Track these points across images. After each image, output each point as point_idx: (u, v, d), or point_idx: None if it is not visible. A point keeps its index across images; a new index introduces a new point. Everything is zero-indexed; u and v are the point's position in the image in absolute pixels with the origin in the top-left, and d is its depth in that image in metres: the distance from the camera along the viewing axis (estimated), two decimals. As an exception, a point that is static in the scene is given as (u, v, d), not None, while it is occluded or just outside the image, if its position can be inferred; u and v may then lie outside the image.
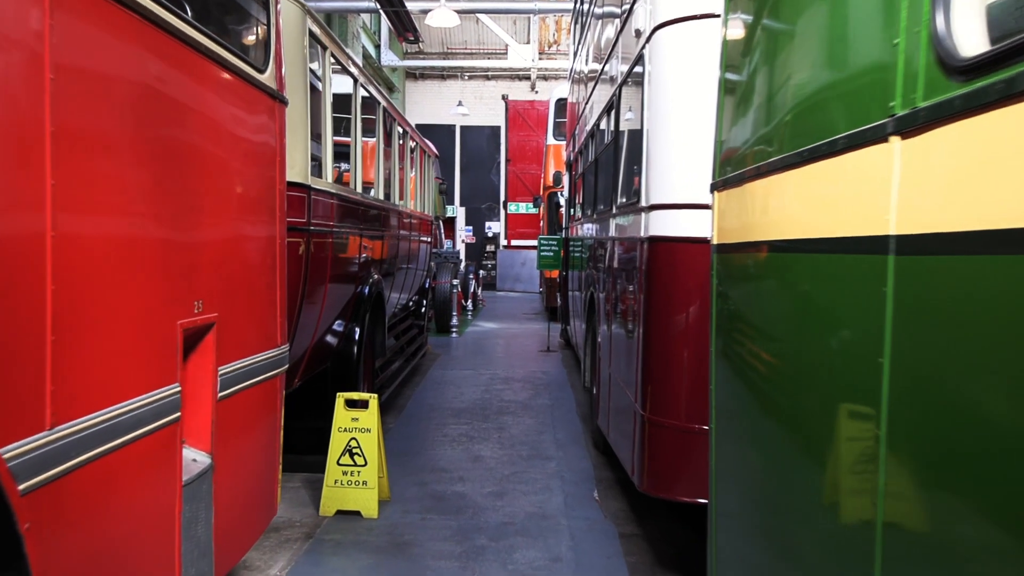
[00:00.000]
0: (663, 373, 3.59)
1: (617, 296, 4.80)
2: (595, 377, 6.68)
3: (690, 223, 3.48)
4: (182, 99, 2.31)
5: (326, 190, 4.40)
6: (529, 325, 15.24)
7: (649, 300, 3.66)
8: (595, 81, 6.69)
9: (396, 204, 7.31)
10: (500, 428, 6.94)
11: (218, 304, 2.54)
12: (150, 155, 2.11)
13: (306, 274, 4.03)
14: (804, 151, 1.75)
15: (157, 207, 2.15)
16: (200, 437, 2.52)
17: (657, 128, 3.64)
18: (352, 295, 5.45)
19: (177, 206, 2.27)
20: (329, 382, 5.41)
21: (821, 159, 1.68)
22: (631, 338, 4.15)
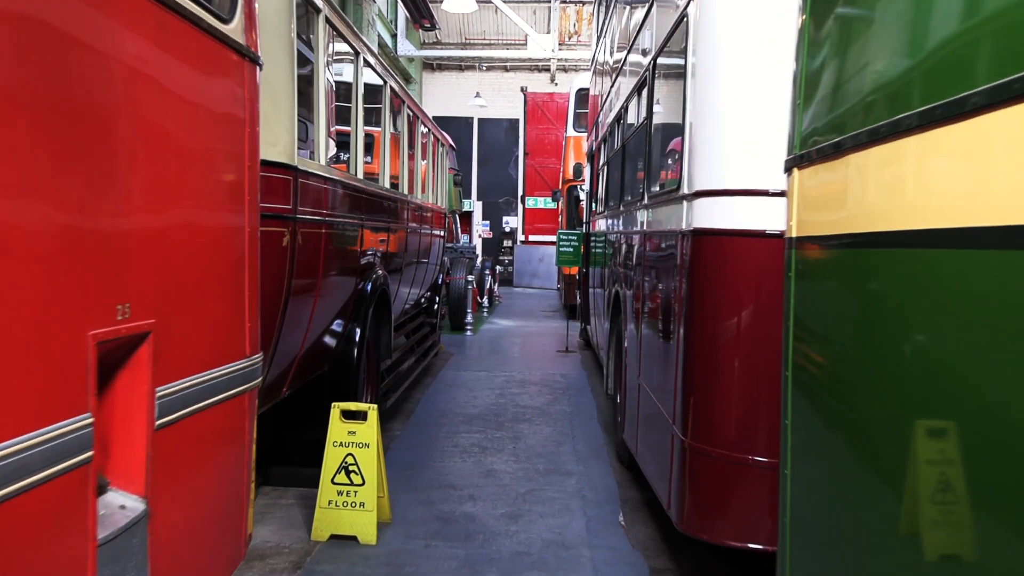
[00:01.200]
0: (709, 392, 3.01)
1: (649, 297, 4.22)
2: (619, 384, 6.10)
3: (745, 213, 2.89)
4: (103, 47, 1.77)
5: (318, 174, 3.86)
6: (547, 323, 14.67)
7: (692, 305, 3.08)
8: (623, 60, 6.09)
9: (404, 194, 6.76)
10: (515, 437, 6.38)
11: (155, 308, 2.00)
12: (49, 116, 1.56)
13: (291, 269, 3.49)
14: (963, 99, 1.17)
15: (59, 184, 1.61)
16: (130, 477, 1.98)
17: (704, 99, 3.05)
18: (352, 292, 4.91)
19: (92, 184, 1.73)
20: (327, 388, 4.88)
21: (997, 108, 1.10)
22: (667, 347, 3.57)
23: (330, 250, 4.14)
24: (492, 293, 17.66)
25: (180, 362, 2.15)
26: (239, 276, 2.56)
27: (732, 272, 2.92)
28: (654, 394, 3.95)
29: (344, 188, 4.47)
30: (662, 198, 3.87)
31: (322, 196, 3.91)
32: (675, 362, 3.34)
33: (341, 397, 4.88)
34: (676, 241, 3.44)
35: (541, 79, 26.93)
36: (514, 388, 8.36)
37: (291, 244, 3.46)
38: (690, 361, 3.11)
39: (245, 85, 2.59)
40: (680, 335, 3.25)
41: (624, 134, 5.87)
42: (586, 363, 10.11)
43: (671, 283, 3.57)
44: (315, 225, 3.82)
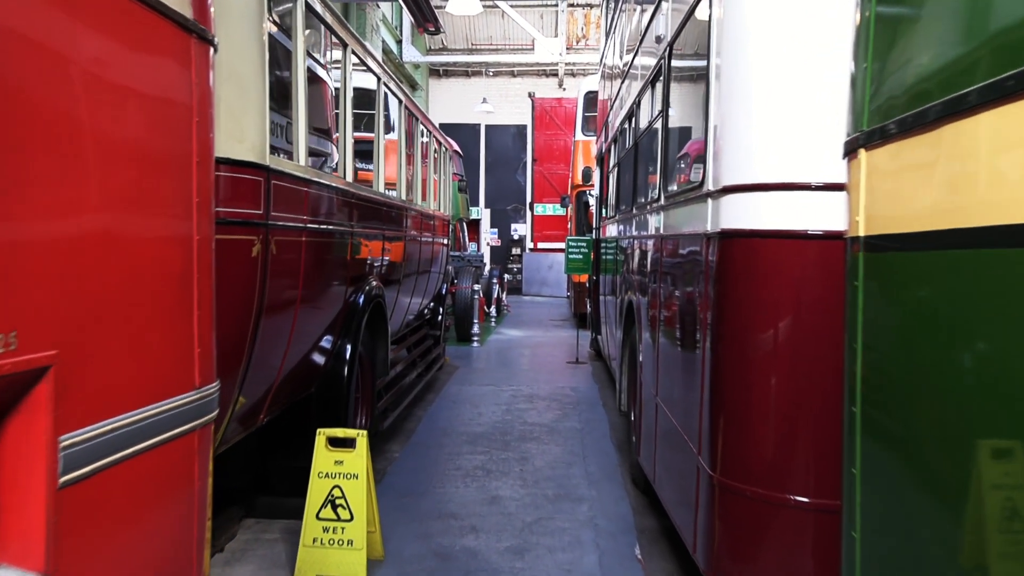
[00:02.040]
0: (741, 421, 2.58)
1: (667, 307, 3.79)
2: (633, 400, 5.66)
3: (782, 210, 2.47)
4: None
5: (296, 175, 3.46)
6: (556, 333, 14.23)
7: (720, 319, 2.65)
8: (634, 52, 5.68)
9: (402, 200, 6.36)
10: (522, 459, 5.95)
11: (59, 337, 1.60)
12: None
13: (264, 282, 3.09)
14: None
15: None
16: (26, 550, 1.57)
17: (732, 79, 2.63)
18: (342, 306, 4.50)
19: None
20: (314, 410, 4.47)
21: None
22: (690, 365, 3.14)
23: (312, 260, 3.74)
24: (500, 302, 17.25)
25: (97, 402, 1.74)
26: (184, 293, 2.16)
27: (768, 280, 2.50)
28: (674, 416, 3.51)
29: (330, 192, 4.07)
30: (681, 198, 3.45)
31: (301, 201, 3.51)
32: (700, 383, 2.91)
33: (330, 420, 4.47)
34: (699, 245, 3.02)
35: (549, 84, 26.58)
36: (521, 403, 7.93)
37: (263, 254, 3.06)
38: (718, 384, 2.68)
39: (192, 66, 2.19)
40: (705, 353, 2.83)
41: (636, 132, 5.46)
42: (597, 375, 9.67)
43: (694, 292, 3.14)
44: (293, 233, 3.41)
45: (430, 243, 7.86)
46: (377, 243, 5.38)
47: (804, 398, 2.46)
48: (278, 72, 3.77)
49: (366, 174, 5.81)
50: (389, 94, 5.58)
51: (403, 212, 6.36)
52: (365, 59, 4.79)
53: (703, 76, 3.09)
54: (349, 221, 4.51)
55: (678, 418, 3.43)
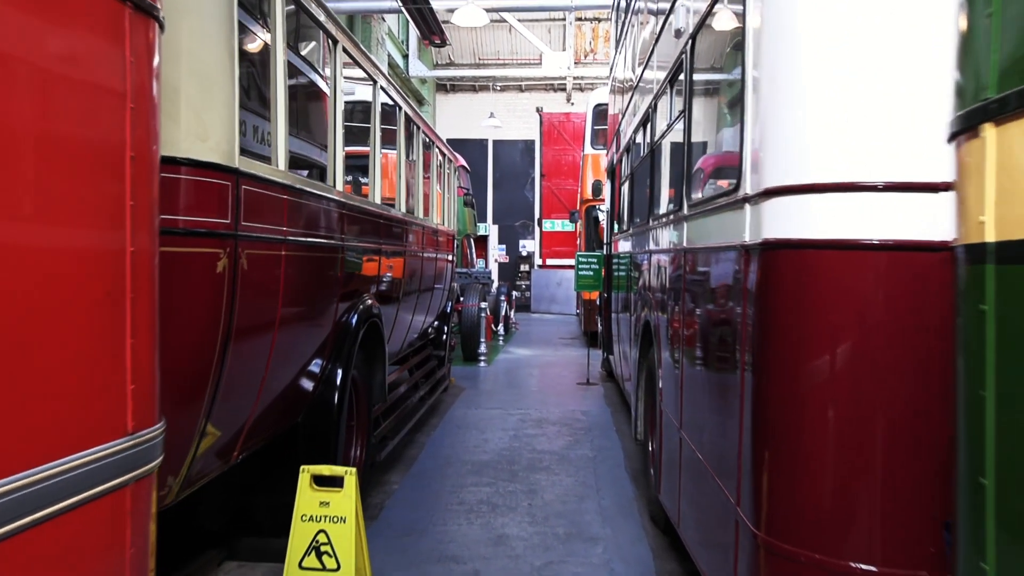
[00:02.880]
0: (797, 471, 2.14)
1: (693, 329, 3.36)
2: (652, 429, 5.22)
3: (842, 216, 2.05)
4: None
5: (274, 181, 3.06)
6: (566, 351, 13.79)
7: (767, 346, 2.22)
8: (649, 52, 5.29)
9: (402, 212, 5.96)
10: (531, 491, 5.51)
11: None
12: None
13: (232, 301, 2.69)
14: None
15: None
16: None
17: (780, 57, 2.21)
18: (331, 327, 4.09)
19: None
20: (301, 442, 4.06)
21: None
22: (725, 398, 2.71)
23: (294, 277, 3.34)
24: (508, 320, 16.82)
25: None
26: (111, 319, 1.76)
27: (826, 301, 2.07)
28: (703, 455, 3.08)
29: (316, 202, 3.68)
30: (709, 206, 3.04)
31: (280, 210, 3.12)
32: (737, 421, 2.48)
33: (319, 452, 4.06)
34: (733, 259, 2.60)
35: (557, 99, 26.28)
36: (530, 428, 7.48)
37: (230, 269, 2.66)
38: (764, 424, 2.25)
39: (126, 41, 1.80)
40: (744, 385, 2.40)
41: (652, 138, 5.06)
42: (609, 397, 9.22)
43: (727, 313, 2.72)
44: (269, 246, 3.01)
45: (433, 259, 7.47)
46: (373, 259, 4.98)
47: (873, 445, 2.02)
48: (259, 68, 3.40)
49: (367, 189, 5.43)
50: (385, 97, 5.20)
51: (403, 226, 5.97)
52: (357, 57, 4.42)
53: (736, 65, 2.69)
54: (340, 234, 4.12)
55: (709, 458, 2.99)
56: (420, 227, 6.73)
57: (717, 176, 3.20)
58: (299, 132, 4.57)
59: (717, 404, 2.87)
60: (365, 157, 5.19)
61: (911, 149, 1.98)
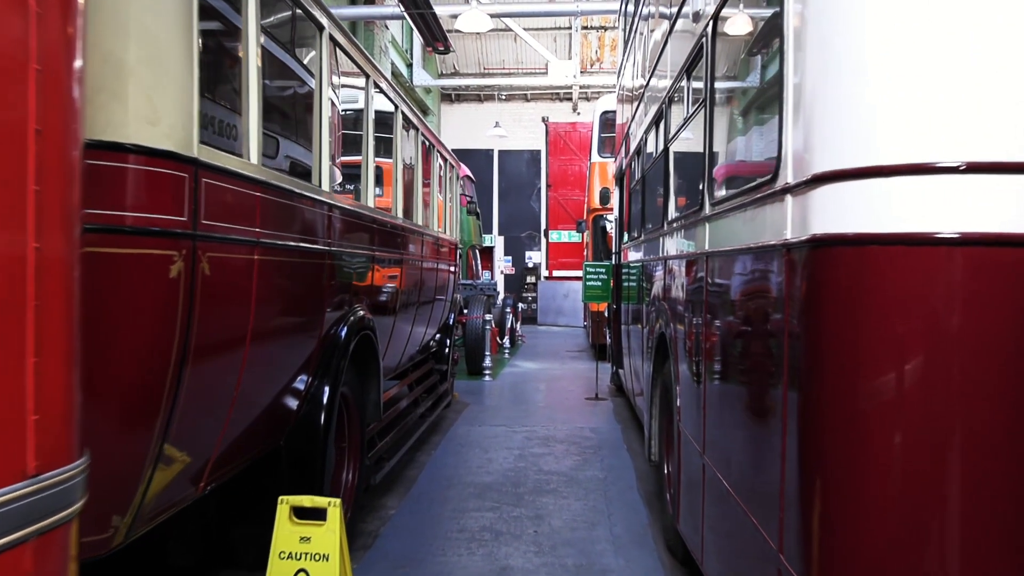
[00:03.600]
0: (854, 513, 1.76)
1: (718, 342, 2.99)
2: (668, 451, 4.83)
3: (917, 205, 1.67)
4: None
5: (244, 175, 2.70)
6: (573, 365, 13.39)
7: (819, 365, 1.84)
8: (662, 41, 4.94)
9: (399, 218, 5.61)
10: (537, 517, 5.11)
11: None
12: None
13: (190, 311, 2.32)
14: None
15: None
16: None
17: (836, 11, 1.84)
18: (317, 340, 3.73)
19: None
20: (283, 468, 3.68)
21: None
22: (761, 423, 2.33)
23: (270, 284, 2.98)
24: (514, 332, 16.44)
25: None
26: (11, 338, 1.39)
27: (895, 307, 1.69)
28: (733, 487, 2.69)
29: (298, 202, 3.32)
30: (738, 202, 2.67)
31: (252, 208, 2.76)
32: (778, 451, 2.10)
33: (303, 478, 3.69)
34: (771, 261, 2.23)
35: (563, 108, 26.01)
36: (536, 447, 7.09)
37: (187, 274, 2.30)
38: (816, 459, 1.86)
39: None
40: (789, 409, 2.02)
41: (667, 135, 4.69)
42: (619, 413, 8.81)
43: (763, 325, 2.34)
44: (238, 248, 2.65)
45: (434, 269, 7.11)
46: (367, 267, 4.62)
47: (957, 484, 1.64)
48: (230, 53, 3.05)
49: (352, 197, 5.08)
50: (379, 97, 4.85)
51: (400, 233, 5.61)
52: (348, 49, 4.07)
53: (772, 36, 2.33)
54: (328, 240, 3.76)
55: (740, 490, 2.61)
56: (419, 235, 6.37)
57: (745, 168, 2.83)
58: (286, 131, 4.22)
59: (750, 429, 2.48)
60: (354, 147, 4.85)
61: (1007, 122, 1.61)
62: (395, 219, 5.44)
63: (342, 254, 4.03)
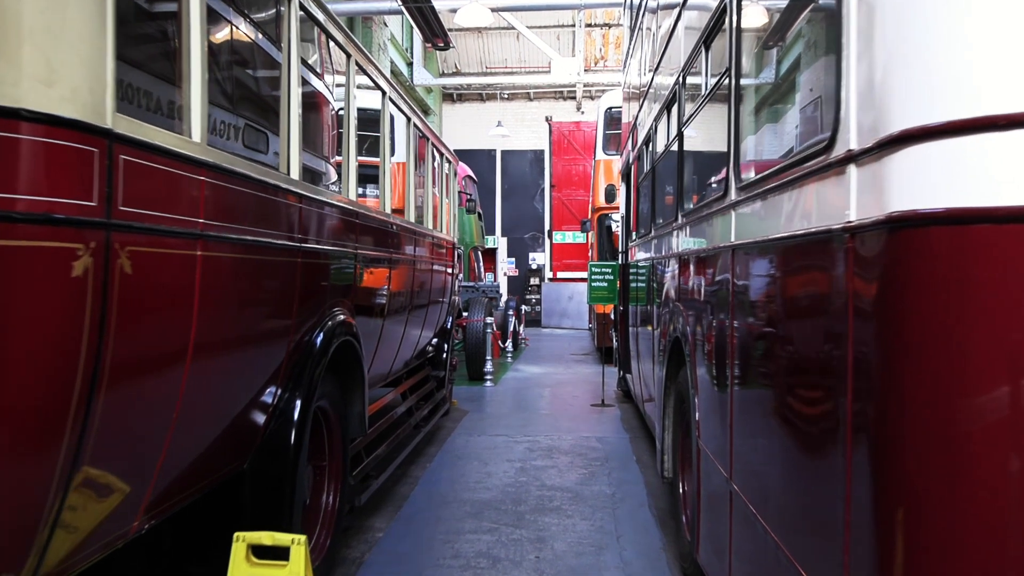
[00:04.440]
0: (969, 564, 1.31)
1: (752, 351, 2.53)
2: (685, 468, 4.37)
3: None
4: None
5: (180, 154, 2.25)
6: (578, 369, 12.93)
7: (908, 382, 1.39)
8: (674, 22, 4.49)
9: (388, 215, 5.16)
10: (539, 540, 4.66)
11: None
12: None
13: (103, 315, 1.88)
14: None
15: None
16: None
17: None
18: (285, 348, 3.28)
19: None
20: (247, 493, 3.23)
21: None
22: (815, 450, 1.87)
23: (219, 285, 2.53)
24: (517, 335, 15.98)
25: None
26: None
27: (1018, 306, 1.24)
28: (774, 526, 2.23)
29: (259, 191, 2.87)
30: (775, 183, 2.21)
31: (194, 195, 2.31)
32: (840, 487, 1.64)
33: (270, 505, 3.24)
34: (826, 250, 1.77)
35: (566, 107, 25.58)
36: (539, 459, 6.62)
37: (98, 271, 1.85)
38: (902, 500, 1.41)
39: None
40: (856, 436, 1.57)
41: (680, 119, 4.24)
42: (627, 421, 8.35)
43: (813, 330, 1.89)
44: (172, 242, 2.20)
45: (429, 269, 6.65)
46: (349, 266, 4.17)
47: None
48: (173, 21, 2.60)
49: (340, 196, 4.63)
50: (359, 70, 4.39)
51: (389, 230, 5.16)
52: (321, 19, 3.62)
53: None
54: (300, 234, 3.31)
55: (781, 530, 2.15)
56: (412, 233, 5.92)
57: (783, 142, 2.37)
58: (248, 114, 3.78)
59: (799, 456, 2.03)
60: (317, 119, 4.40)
61: None
62: (383, 215, 4.99)
63: (318, 252, 3.58)
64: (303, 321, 3.42)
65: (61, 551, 1.96)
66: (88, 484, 1.97)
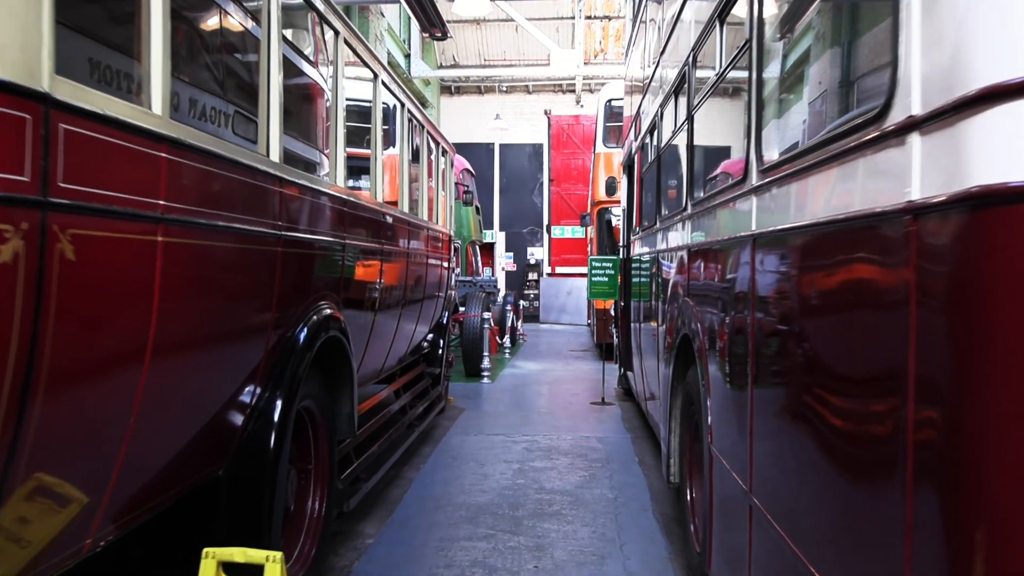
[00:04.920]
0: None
1: (779, 352, 2.27)
2: (694, 476, 4.13)
3: None
4: None
5: (134, 125, 1.99)
6: (577, 365, 12.68)
7: (993, 390, 1.14)
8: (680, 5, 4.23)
9: (380, 204, 4.90)
10: (538, 547, 4.41)
11: None
12: None
13: (38, 307, 1.62)
14: None
15: None
16: None
17: None
18: (264, 345, 3.02)
19: None
20: (223, 500, 2.98)
21: None
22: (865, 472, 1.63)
23: (184, 275, 2.27)
24: (515, 331, 15.72)
25: None
26: None
27: None
28: (805, 551, 1.98)
29: (231, 171, 2.61)
30: (808, 161, 1.96)
31: (153, 173, 2.05)
32: (902, 521, 1.39)
33: (247, 513, 2.99)
34: (878, 234, 1.52)
35: (566, 101, 25.28)
36: (538, 460, 6.38)
37: (32, 257, 1.59)
38: (975, 523, 1.16)
39: None
40: (919, 457, 1.32)
41: (690, 101, 3.98)
42: (628, 420, 8.10)
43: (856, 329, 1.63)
44: (124, 226, 1.95)
45: (423, 262, 6.39)
46: (337, 257, 3.91)
47: None
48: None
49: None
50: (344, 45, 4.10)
51: (381, 220, 4.90)
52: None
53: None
54: (282, 221, 3.05)
55: (813, 555, 1.90)
56: (405, 224, 5.66)
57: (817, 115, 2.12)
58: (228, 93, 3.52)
59: (837, 473, 1.77)
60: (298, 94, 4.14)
61: None
62: (375, 204, 4.73)
63: (301, 242, 3.32)
64: (284, 316, 3.16)
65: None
66: (26, 495, 1.72)
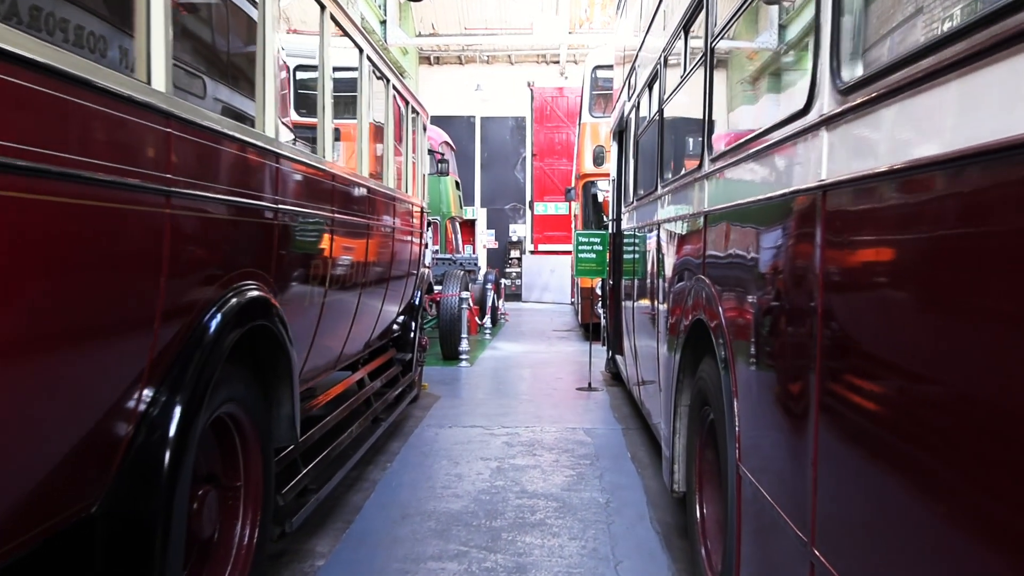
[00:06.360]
0: None
1: (868, 347, 1.56)
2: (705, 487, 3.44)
3: None
4: None
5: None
6: (561, 347, 12.00)
7: None
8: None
9: (325, 160, 4.13)
10: (518, 568, 3.72)
11: None
12: None
13: None
14: None
15: None
16: None
17: None
18: (151, 337, 2.27)
19: None
20: (98, 550, 2.24)
21: None
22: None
23: (12, 243, 1.53)
24: (496, 310, 15.01)
25: None
26: None
27: None
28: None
29: (84, 98, 1.85)
30: (911, 75, 1.23)
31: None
32: None
33: (130, 561, 2.26)
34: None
35: (550, 72, 24.42)
36: (518, 457, 5.68)
37: None
38: None
39: None
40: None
41: (708, 36, 3.23)
42: (618, 408, 7.43)
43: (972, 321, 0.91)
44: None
45: (389, 236, 5.64)
46: (267, 226, 3.16)
47: None
48: None
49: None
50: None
51: (328, 182, 4.14)
52: None
53: None
54: (164, 173, 2.29)
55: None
56: (365, 188, 4.89)
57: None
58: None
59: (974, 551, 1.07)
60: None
61: None
62: (321, 163, 3.96)
63: (205, 203, 2.56)
64: (180, 300, 2.41)
65: None
66: None
